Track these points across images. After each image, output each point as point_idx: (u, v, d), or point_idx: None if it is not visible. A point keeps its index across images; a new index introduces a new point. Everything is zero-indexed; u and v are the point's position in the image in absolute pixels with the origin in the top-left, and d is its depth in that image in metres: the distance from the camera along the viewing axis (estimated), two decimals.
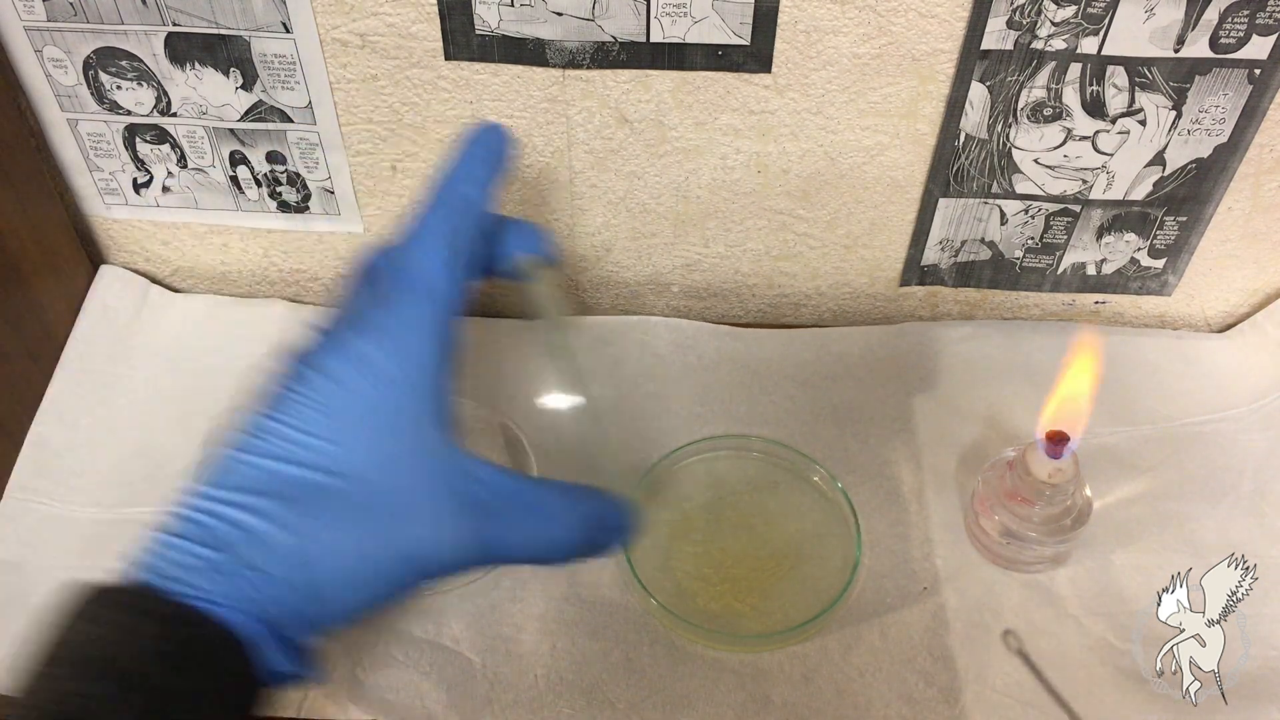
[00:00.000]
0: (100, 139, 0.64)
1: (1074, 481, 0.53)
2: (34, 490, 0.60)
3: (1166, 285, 0.68)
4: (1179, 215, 0.63)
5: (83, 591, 0.35)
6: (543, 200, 0.66)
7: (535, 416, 0.64)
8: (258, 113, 0.61)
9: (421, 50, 0.58)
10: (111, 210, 0.68)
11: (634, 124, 0.61)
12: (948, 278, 0.68)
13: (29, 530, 0.58)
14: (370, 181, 0.65)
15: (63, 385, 0.64)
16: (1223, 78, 0.56)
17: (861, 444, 0.62)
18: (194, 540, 0.36)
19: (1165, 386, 0.66)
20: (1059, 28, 0.54)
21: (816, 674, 0.53)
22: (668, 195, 0.65)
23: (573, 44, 0.57)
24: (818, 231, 0.66)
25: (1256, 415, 0.64)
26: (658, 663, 0.53)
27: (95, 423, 0.63)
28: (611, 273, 0.70)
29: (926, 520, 0.59)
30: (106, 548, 0.57)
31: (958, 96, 0.58)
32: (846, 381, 0.66)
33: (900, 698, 0.52)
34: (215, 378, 0.66)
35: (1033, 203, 0.63)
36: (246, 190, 0.66)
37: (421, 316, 0.39)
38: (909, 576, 0.56)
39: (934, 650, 0.53)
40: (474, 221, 0.42)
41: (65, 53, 0.59)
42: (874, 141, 0.61)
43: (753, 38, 0.56)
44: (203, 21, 0.57)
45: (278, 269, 0.71)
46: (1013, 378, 0.66)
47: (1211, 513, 0.59)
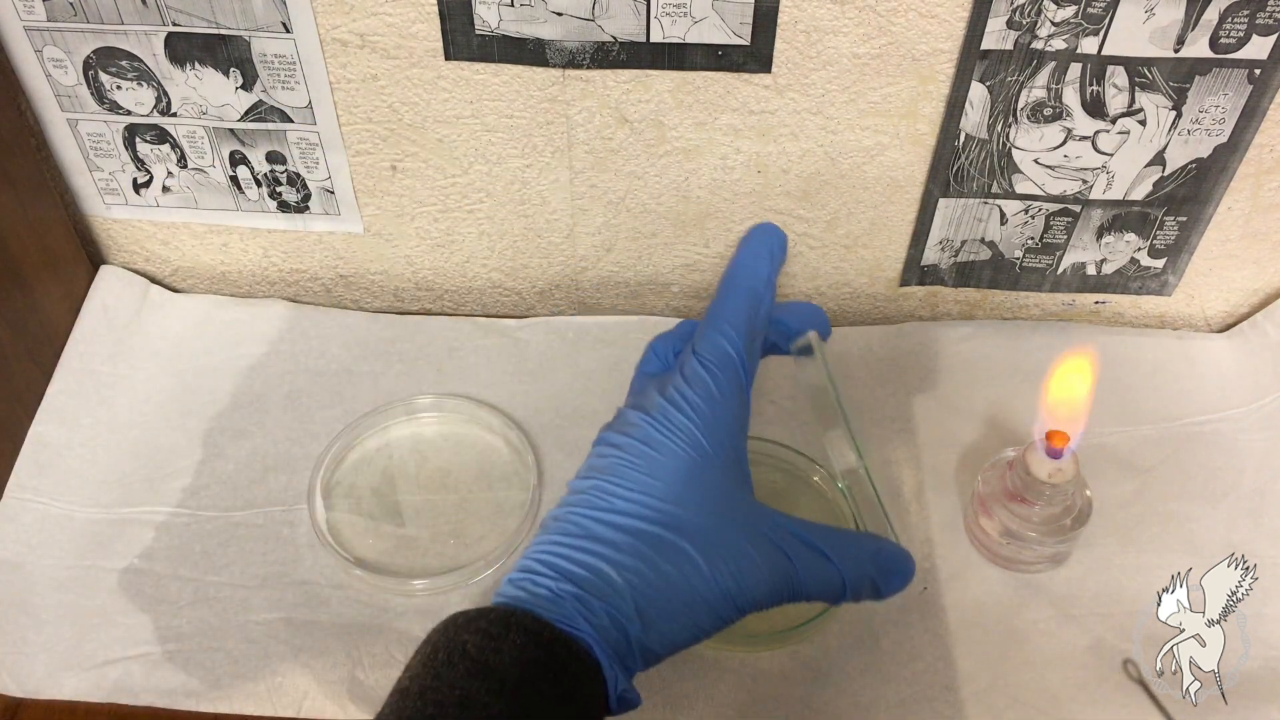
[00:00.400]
0: (100, 139, 0.64)
1: (1074, 481, 0.53)
2: (34, 490, 0.60)
3: (1166, 285, 0.68)
4: (1179, 215, 0.63)
5: (467, 614, 0.41)
6: (543, 200, 0.66)
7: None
8: (258, 113, 0.61)
9: (421, 50, 0.58)
10: (111, 210, 0.68)
11: (634, 124, 0.61)
12: (948, 278, 0.68)
13: (28, 530, 0.58)
14: (370, 181, 0.65)
15: (62, 385, 0.64)
16: (1223, 78, 0.56)
17: (862, 445, 0.62)
18: (557, 577, 0.42)
19: (1165, 386, 0.66)
20: (1059, 28, 0.54)
21: (817, 675, 0.52)
22: (668, 195, 0.65)
23: (573, 44, 0.57)
24: (818, 231, 0.66)
25: (1256, 415, 0.64)
26: (659, 665, 0.53)
27: (95, 423, 0.63)
28: (611, 273, 0.70)
29: (926, 520, 0.59)
30: (106, 548, 0.58)
31: (958, 96, 0.58)
32: (846, 382, 0.66)
33: (900, 698, 0.52)
34: (215, 378, 0.66)
35: (1033, 203, 0.63)
36: (246, 190, 0.66)
37: (728, 394, 0.47)
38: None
39: (935, 651, 0.53)
40: (764, 310, 0.51)
41: (65, 53, 0.59)
42: (874, 141, 0.61)
43: (753, 38, 0.56)
44: (203, 21, 0.57)
45: (277, 269, 0.71)
46: (1012, 378, 0.66)
47: (1211, 513, 0.59)
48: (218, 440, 0.63)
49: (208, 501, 0.60)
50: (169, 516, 0.59)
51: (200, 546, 0.58)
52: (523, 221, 0.67)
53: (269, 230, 0.69)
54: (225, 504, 0.60)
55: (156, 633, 0.54)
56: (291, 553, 0.58)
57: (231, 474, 0.61)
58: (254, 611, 0.55)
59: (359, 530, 0.59)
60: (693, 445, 0.46)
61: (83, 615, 0.55)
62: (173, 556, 0.57)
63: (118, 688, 0.52)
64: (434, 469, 0.62)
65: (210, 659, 0.53)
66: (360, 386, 0.65)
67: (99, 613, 0.55)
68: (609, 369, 0.66)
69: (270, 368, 0.66)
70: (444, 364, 0.67)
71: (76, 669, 0.53)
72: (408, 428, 0.64)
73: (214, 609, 0.55)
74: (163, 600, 0.55)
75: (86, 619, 0.55)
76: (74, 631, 0.54)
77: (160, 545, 0.58)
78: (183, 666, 0.53)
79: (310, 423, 0.63)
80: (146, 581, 0.56)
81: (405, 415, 0.64)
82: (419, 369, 0.66)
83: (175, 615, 0.55)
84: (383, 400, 0.64)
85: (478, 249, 0.69)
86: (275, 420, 0.64)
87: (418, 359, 0.67)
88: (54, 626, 0.54)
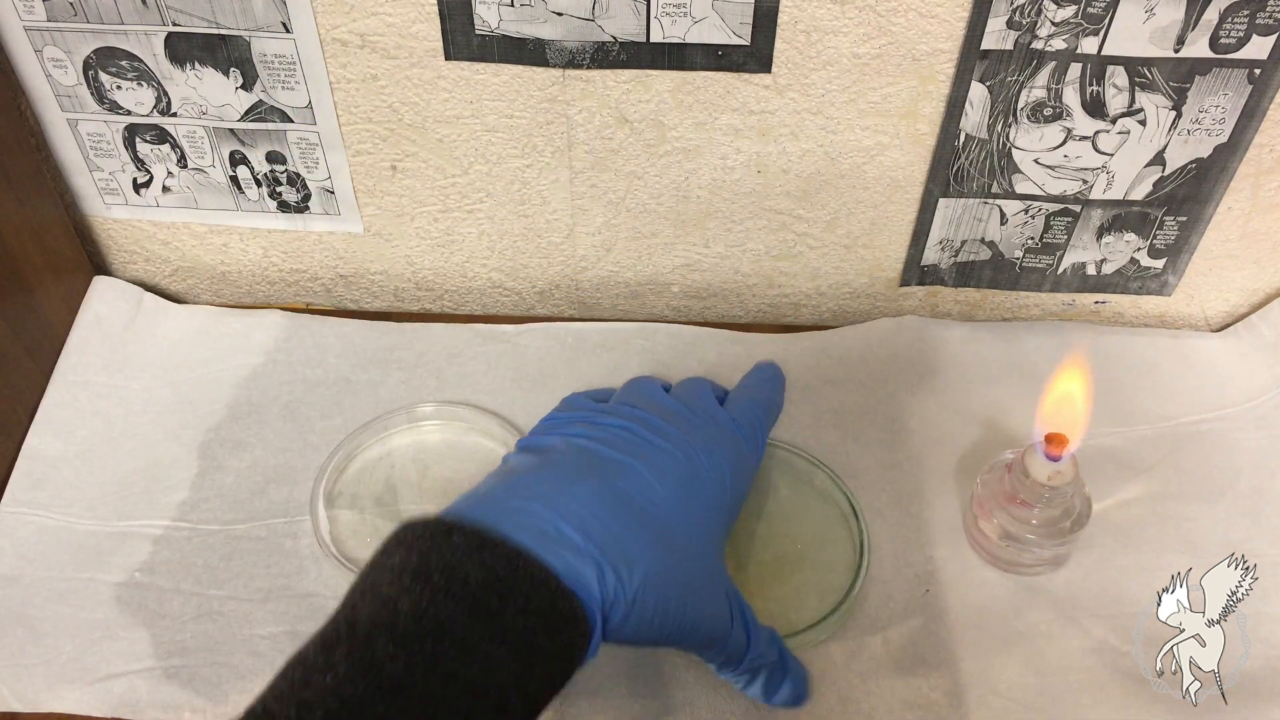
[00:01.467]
0: (100, 139, 0.64)
1: (1073, 484, 0.53)
2: (29, 502, 0.59)
3: (1166, 285, 0.68)
4: (1179, 215, 0.63)
5: (462, 530, 0.39)
6: (543, 200, 0.66)
7: None
8: (258, 113, 0.61)
9: (421, 50, 0.58)
10: (111, 210, 0.68)
11: (634, 124, 0.61)
12: (948, 278, 0.68)
13: (24, 542, 0.58)
14: (370, 181, 0.65)
15: (58, 397, 0.64)
16: (1223, 78, 0.56)
17: (862, 447, 0.62)
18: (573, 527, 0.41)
19: (1161, 386, 0.66)
20: (1059, 28, 0.54)
21: (820, 680, 0.52)
22: (668, 195, 0.65)
23: (573, 44, 0.57)
24: (817, 231, 0.66)
25: (1252, 414, 0.64)
26: (659, 670, 0.53)
27: (91, 434, 0.63)
28: (611, 273, 0.70)
29: (926, 523, 0.59)
30: (105, 560, 0.57)
31: (958, 96, 0.58)
32: (846, 385, 0.66)
33: (904, 703, 0.52)
34: (212, 389, 0.65)
35: (1033, 203, 0.63)
36: (246, 190, 0.66)
37: (741, 454, 0.52)
38: (910, 580, 0.56)
39: (937, 654, 0.53)
40: (773, 417, 0.59)
41: (65, 53, 0.59)
42: (874, 141, 0.61)
43: (753, 38, 0.56)
44: (203, 21, 0.57)
45: (277, 269, 0.71)
46: (1011, 379, 0.66)
47: (1210, 512, 0.59)
48: (216, 452, 0.62)
49: (208, 514, 0.59)
50: (169, 529, 0.58)
51: (202, 560, 0.57)
52: (523, 221, 0.67)
53: (269, 230, 0.69)
54: (226, 517, 0.59)
55: (160, 647, 0.54)
56: (295, 565, 0.57)
57: (231, 486, 0.60)
58: (258, 625, 0.55)
59: (363, 541, 0.58)
60: (707, 478, 0.49)
61: (82, 629, 0.54)
62: (174, 570, 0.57)
63: (122, 702, 0.52)
64: (437, 477, 0.61)
65: (215, 674, 0.53)
66: (359, 395, 0.65)
67: (99, 626, 0.54)
68: (608, 374, 0.66)
69: (268, 378, 0.66)
70: (443, 371, 0.66)
71: (78, 683, 0.52)
72: (409, 436, 0.63)
73: (217, 623, 0.55)
74: (165, 614, 0.55)
75: (86, 632, 0.54)
76: (74, 645, 0.54)
77: (161, 559, 0.57)
78: (187, 682, 0.52)
79: (310, 433, 0.63)
80: (148, 595, 0.56)
81: (407, 423, 0.63)
82: (418, 376, 0.66)
83: (178, 630, 0.54)
84: (382, 409, 0.63)
85: (478, 249, 0.69)
86: (274, 431, 0.63)
87: (416, 366, 0.67)
88: (53, 639, 0.54)
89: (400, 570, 0.38)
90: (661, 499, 0.46)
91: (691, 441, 0.50)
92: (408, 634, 0.36)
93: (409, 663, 0.35)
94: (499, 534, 0.39)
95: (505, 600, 0.37)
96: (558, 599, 0.39)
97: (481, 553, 0.38)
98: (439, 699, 0.35)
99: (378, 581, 0.38)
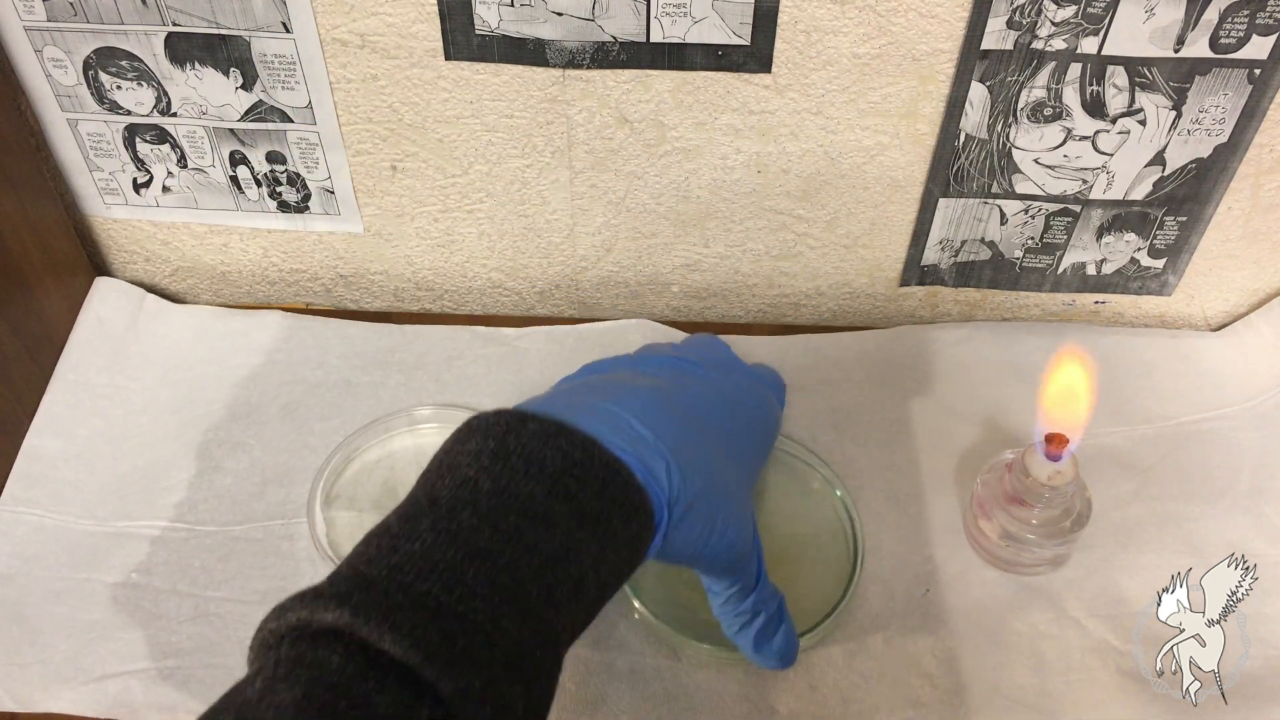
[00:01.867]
0: (100, 139, 0.64)
1: (1073, 484, 0.53)
2: (28, 502, 0.59)
3: (1166, 285, 0.68)
4: (1179, 215, 0.63)
5: (537, 419, 0.40)
6: (543, 200, 0.66)
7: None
8: (258, 113, 0.61)
9: (421, 50, 0.58)
10: (111, 210, 0.68)
11: (634, 124, 0.61)
12: (948, 278, 0.68)
13: (23, 542, 0.58)
14: (370, 181, 0.65)
15: (57, 397, 0.64)
16: (1223, 78, 0.56)
17: (861, 448, 0.62)
18: (643, 424, 0.41)
19: (1161, 386, 0.66)
20: (1059, 28, 0.54)
21: (821, 682, 0.52)
22: (668, 195, 0.65)
23: (573, 44, 0.57)
24: (818, 231, 0.66)
25: (1251, 414, 0.64)
26: (661, 673, 0.53)
27: (90, 434, 0.63)
28: (611, 273, 0.70)
29: (926, 523, 0.59)
30: (102, 561, 0.57)
31: (958, 96, 0.58)
32: (845, 386, 0.66)
33: (905, 703, 0.52)
34: (211, 389, 0.65)
35: (1033, 203, 0.63)
36: (246, 190, 0.66)
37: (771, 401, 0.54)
38: (910, 580, 0.56)
39: (937, 654, 0.53)
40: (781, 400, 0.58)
41: (65, 53, 0.59)
42: (874, 141, 0.61)
43: (753, 38, 0.56)
44: (203, 21, 0.57)
45: (277, 269, 0.71)
46: (1010, 379, 0.66)
47: (1210, 512, 0.59)
48: (214, 453, 0.62)
49: (206, 515, 0.59)
50: (166, 530, 0.58)
51: (199, 561, 0.57)
52: (523, 221, 0.67)
53: (269, 230, 0.69)
54: (224, 518, 0.59)
55: (156, 648, 0.54)
56: (292, 567, 0.57)
57: (230, 487, 0.60)
58: (254, 627, 0.54)
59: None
60: (737, 388, 0.51)
61: (79, 629, 0.54)
62: (170, 571, 0.57)
63: (117, 703, 0.52)
64: None
65: (211, 675, 0.52)
66: (358, 397, 0.65)
67: (96, 627, 0.54)
68: None
69: (267, 379, 0.66)
70: (443, 373, 0.66)
71: (73, 683, 0.52)
72: (409, 439, 0.63)
73: (214, 625, 0.54)
74: (161, 615, 0.55)
75: (83, 633, 0.54)
76: (70, 645, 0.54)
77: (158, 559, 0.57)
78: (183, 683, 0.52)
79: (308, 434, 0.63)
80: (144, 596, 0.55)
81: (406, 426, 0.63)
82: (418, 379, 0.66)
83: (174, 631, 0.54)
84: (381, 411, 0.63)
85: (478, 249, 0.69)
86: (273, 432, 0.63)
87: (416, 368, 0.66)
88: (49, 639, 0.54)
89: (478, 453, 0.39)
90: (713, 417, 0.47)
91: (730, 376, 0.51)
92: (491, 509, 0.37)
93: (493, 534, 0.36)
94: (573, 424, 0.40)
95: (582, 484, 0.38)
96: (629, 488, 0.39)
97: (558, 439, 0.39)
98: (523, 569, 0.36)
99: (455, 464, 0.39)
